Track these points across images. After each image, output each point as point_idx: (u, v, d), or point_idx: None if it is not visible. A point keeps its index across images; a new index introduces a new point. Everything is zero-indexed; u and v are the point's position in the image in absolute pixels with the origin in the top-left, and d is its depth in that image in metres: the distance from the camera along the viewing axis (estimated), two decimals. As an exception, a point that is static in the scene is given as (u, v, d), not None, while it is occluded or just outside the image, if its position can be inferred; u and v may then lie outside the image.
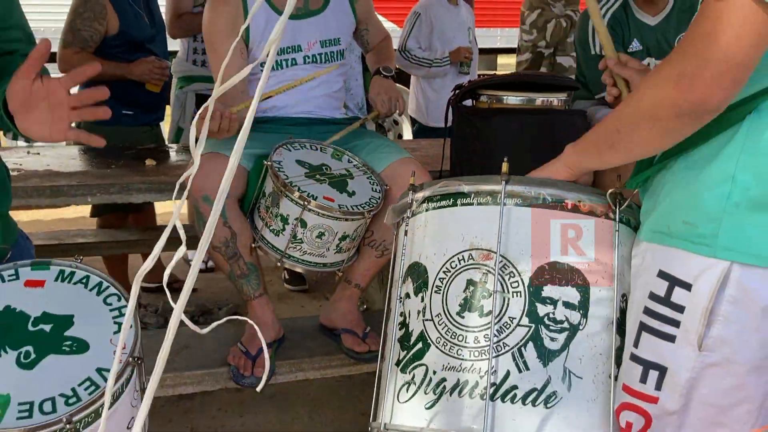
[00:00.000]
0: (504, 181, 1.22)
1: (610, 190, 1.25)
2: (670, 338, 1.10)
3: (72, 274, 1.34)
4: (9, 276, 1.31)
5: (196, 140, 0.67)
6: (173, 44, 3.68)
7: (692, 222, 1.07)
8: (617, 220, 1.24)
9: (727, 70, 0.97)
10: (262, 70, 2.16)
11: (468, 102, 2.40)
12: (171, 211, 4.56)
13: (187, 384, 1.97)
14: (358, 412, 2.72)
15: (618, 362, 1.20)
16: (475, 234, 1.23)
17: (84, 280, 1.33)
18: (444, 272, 1.24)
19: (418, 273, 1.30)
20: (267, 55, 1.91)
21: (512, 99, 2.26)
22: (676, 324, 1.10)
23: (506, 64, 10.18)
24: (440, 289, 1.23)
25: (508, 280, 1.18)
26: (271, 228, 2.04)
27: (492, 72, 8.14)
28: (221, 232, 2.02)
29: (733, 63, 0.96)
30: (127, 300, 1.31)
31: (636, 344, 1.14)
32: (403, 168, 2.15)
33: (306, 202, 1.92)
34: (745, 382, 1.11)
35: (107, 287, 1.33)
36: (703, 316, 1.06)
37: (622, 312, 1.22)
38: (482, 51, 5.76)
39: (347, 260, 2.12)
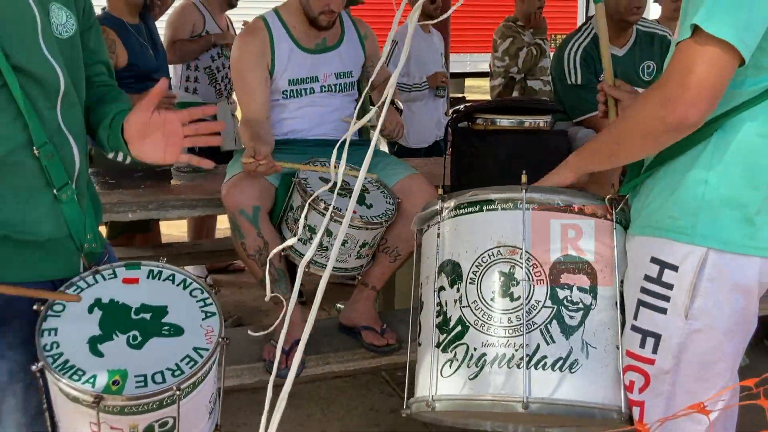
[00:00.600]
0: (524, 190, 1.51)
1: (608, 196, 1.54)
2: (663, 311, 1.40)
3: (160, 272, 1.58)
4: (108, 275, 1.54)
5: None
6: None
7: (676, 216, 1.38)
8: (614, 220, 1.53)
9: (701, 95, 1.27)
10: (281, 98, 2.45)
11: (464, 123, 2.71)
12: (171, 231, 4.76)
13: (228, 377, 2.20)
14: (367, 407, 2.97)
15: (621, 334, 1.48)
16: (501, 234, 1.51)
17: (171, 277, 1.58)
18: (477, 266, 1.51)
19: (451, 268, 1.57)
20: (288, 83, 2.27)
21: (504, 121, 2.58)
22: (666, 299, 1.39)
23: (473, 86, 10.62)
24: (474, 281, 1.51)
25: (533, 270, 1.46)
26: (299, 238, 2.29)
27: (461, 94, 8.52)
28: (255, 242, 2.28)
29: (705, 90, 1.27)
30: (209, 293, 1.56)
31: (636, 317, 1.44)
32: (412, 183, 2.44)
33: (333, 215, 2.19)
34: (722, 344, 1.41)
35: (191, 283, 1.58)
36: (688, 292, 1.37)
37: (621, 294, 1.51)
38: (453, 75, 6.14)
39: (365, 265, 2.39)
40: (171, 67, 4.00)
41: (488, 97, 7.86)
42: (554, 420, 1.57)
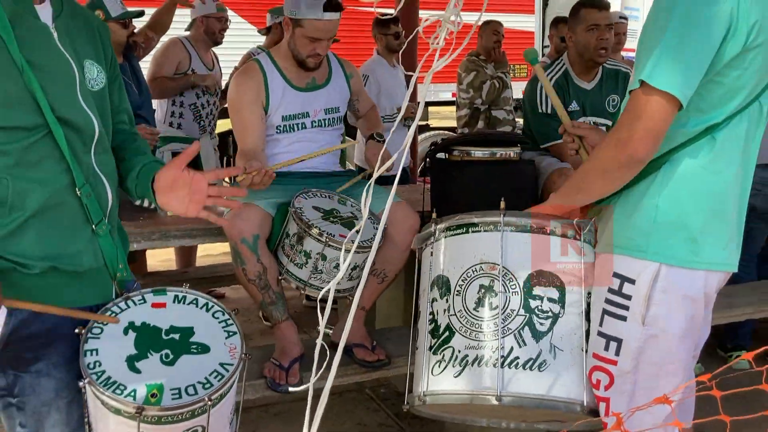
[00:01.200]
0: (503, 215, 1.74)
1: (576, 219, 1.77)
2: (623, 318, 1.64)
3: (185, 297, 1.76)
4: (138, 300, 1.71)
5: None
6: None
7: (632, 237, 1.62)
8: (582, 240, 1.77)
9: (646, 137, 1.52)
10: (275, 133, 2.65)
11: (441, 155, 2.94)
12: (150, 261, 4.88)
13: (232, 394, 2.36)
14: (355, 422, 3.15)
15: (587, 339, 1.71)
16: (483, 252, 1.75)
17: (194, 301, 1.76)
18: (462, 280, 1.75)
19: (442, 282, 1.80)
20: (281, 119, 2.51)
21: (478, 153, 2.82)
22: (626, 308, 1.63)
23: (435, 112, 10.91)
24: (460, 293, 1.75)
25: (508, 283, 1.71)
26: (295, 262, 2.48)
27: (425, 122, 8.80)
28: (255, 267, 2.46)
29: (649, 133, 1.52)
30: (229, 315, 1.74)
31: (601, 324, 1.67)
32: (397, 209, 2.65)
33: (327, 240, 2.39)
34: (675, 348, 1.65)
35: (212, 306, 1.75)
36: (644, 302, 1.61)
37: (588, 304, 1.74)
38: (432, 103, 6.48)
39: (356, 286, 2.58)
40: (156, 102, 4.16)
41: (450, 123, 8.17)
42: (540, 415, 1.78)
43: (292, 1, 2.62)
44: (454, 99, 8.18)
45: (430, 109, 9.94)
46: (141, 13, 3.73)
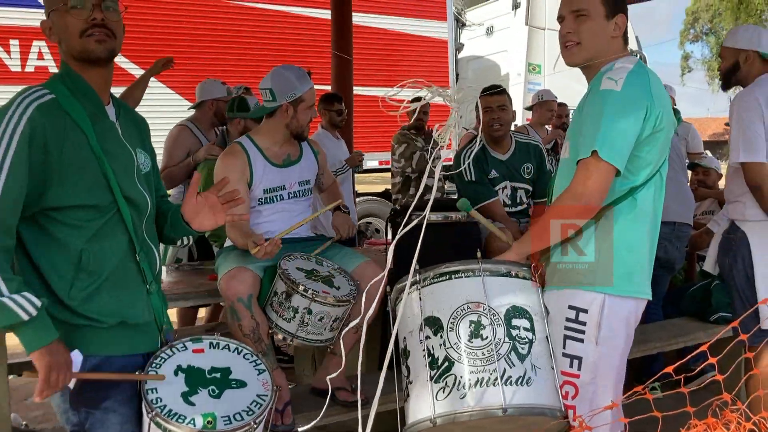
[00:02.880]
0: (480, 262, 2.15)
1: (533, 264, 2.23)
2: (581, 340, 2.09)
3: (218, 343, 2.10)
4: (180, 348, 2.04)
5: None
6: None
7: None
8: (536, 281, 2.21)
9: (595, 194, 2.02)
10: (257, 205, 3.03)
11: (400, 219, 3.39)
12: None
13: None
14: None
15: (552, 358, 2.14)
16: (468, 293, 2.11)
17: (226, 347, 2.10)
18: (453, 318, 2.11)
19: (433, 321, 2.16)
20: (263, 192, 3.03)
21: (434, 217, 3.28)
22: (583, 332, 2.09)
23: (362, 178, 11.45)
24: (453, 328, 2.09)
25: (493, 317, 2.08)
26: (283, 317, 2.83)
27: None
28: (250, 323, 2.80)
29: (597, 192, 2.02)
30: (257, 356, 2.09)
31: (564, 346, 2.11)
32: (367, 267, 3.06)
33: (313, 296, 2.76)
34: (618, 360, 2.13)
35: (242, 349, 2.10)
36: (596, 326, 2.07)
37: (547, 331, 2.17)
38: (361, 171, 7.01)
39: (336, 336, 2.95)
40: None
41: (377, 189, 8.70)
42: (521, 427, 2.17)
43: (286, 87, 3.06)
44: (381, 167, 8.81)
45: (357, 176, 10.49)
46: None
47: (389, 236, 3.63)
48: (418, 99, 6.25)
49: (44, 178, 1.74)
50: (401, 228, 3.35)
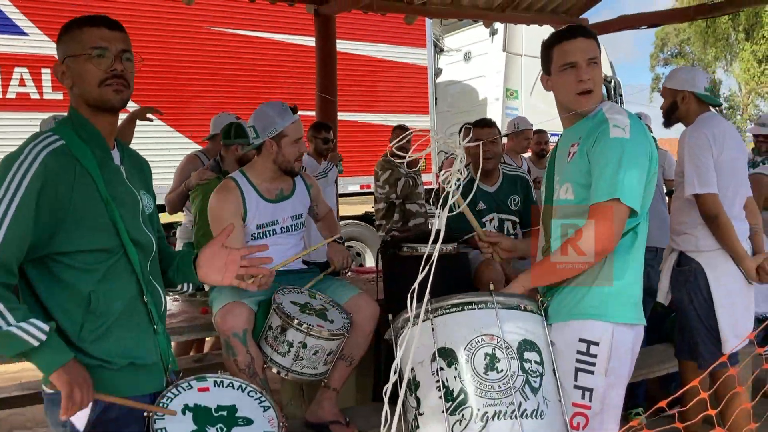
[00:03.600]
0: (492, 294, 2.18)
1: (540, 299, 2.29)
2: (592, 373, 2.17)
3: (222, 381, 2.13)
4: (186, 387, 2.07)
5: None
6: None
7: (593, 305, 2.18)
8: (543, 315, 2.26)
9: (614, 236, 2.12)
10: (250, 240, 3.07)
11: (391, 251, 3.45)
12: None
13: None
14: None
15: (561, 391, 2.17)
16: (481, 325, 2.13)
17: (231, 384, 2.14)
18: (467, 350, 2.10)
19: (446, 353, 2.13)
20: (256, 227, 3.11)
21: (424, 249, 3.34)
22: (593, 365, 2.17)
23: (343, 201, 11.51)
24: (468, 360, 2.09)
25: (506, 350, 2.10)
26: (278, 352, 2.87)
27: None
28: (245, 358, 2.83)
29: (616, 234, 2.12)
30: (261, 393, 2.13)
31: (576, 379, 2.18)
32: (360, 300, 3.11)
33: (308, 330, 2.80)
34: (623, 388, 2.22)
35: (246, 387, 2.14)
36: (607, 358, 2.16)
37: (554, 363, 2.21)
38: (342, 195, 7.11)
39: (330, 370, 2.99)
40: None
41: (357, 212, 8.77)
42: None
43: (267, 123, 3.10)
44: (362, 190, 8.88)
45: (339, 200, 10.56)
46: None
47: (380, 266, 3.68)
48: (402, 127, 6.40)
49: (53, 223, 1.77)
50: (378, 257, 3.42)
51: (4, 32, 6.64)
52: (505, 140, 6.38)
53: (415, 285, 1.85)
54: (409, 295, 1.94)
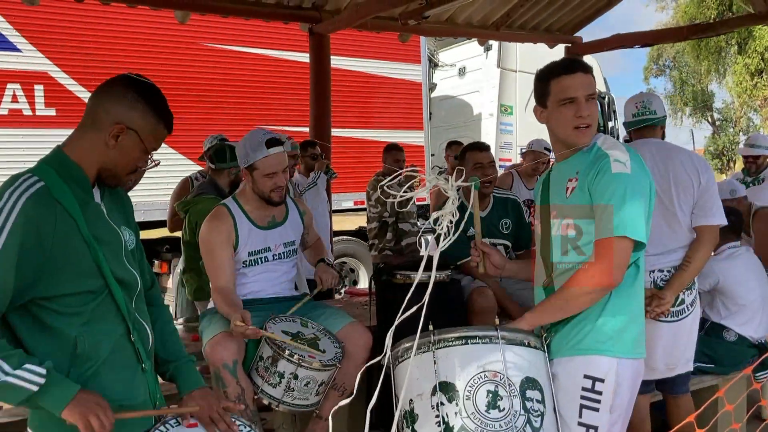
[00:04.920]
0: (498, 329, 2.14)
1: (543, 335, 2.26)
2: (596, 410, 2.16)
3: (210, 418, 2.09)
4: (174, 423, 2.02)
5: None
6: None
7: (598, 341, 2.16)
8: (545, 351, 2.23)
9: (620, 271, 2.11)
10: (242, 267, 3.03)
11: (385, 278, 3.42)
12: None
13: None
14: None
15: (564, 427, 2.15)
16: (485, 361, 2.08)
17: (219, 422, 2.09)
18: (470, 386, 2.06)
19: (447, 387, 2.08)
20: (247, 255, 3.08)
21: (416, 276, 3.31)
22: (599, 402, 2.15)
23: (338, 220, 11.49)
24: (469, 397, 2.05)
25: (509, 388, 2.06)
26: (269, 383, 2.83)
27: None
28: (235, 389, 2.79)
29: (622, 268, 2.11)
30: (250, 427, 2.09)
31: (580, 416, 2.16)
32: (353, 329, 3.08)
33: (299, 361, 2.77)
34: (624, 423, 2.21)
35: (235, 420, 2.09)
36: (612, 395, 2.14)
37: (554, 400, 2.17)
38: (335, 212, 7.10)
39: (322, 401, 2.96)
40: None
41: (354, 223, 8.76)
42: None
43: (242, 155, 3.10)
44: (355, 206, 8.86)
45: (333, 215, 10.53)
46: None
47: (373, 290, 3.65)
48: (395, 147, 6.37)
49: (36, 270, 1.72)
50: (372, 283, 3.39)
51: (-3, 48, 6.61)
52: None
53: (404, 315, 1.83)
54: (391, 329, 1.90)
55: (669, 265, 3.24)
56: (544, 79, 2.33)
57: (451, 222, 1.82)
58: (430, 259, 4.22)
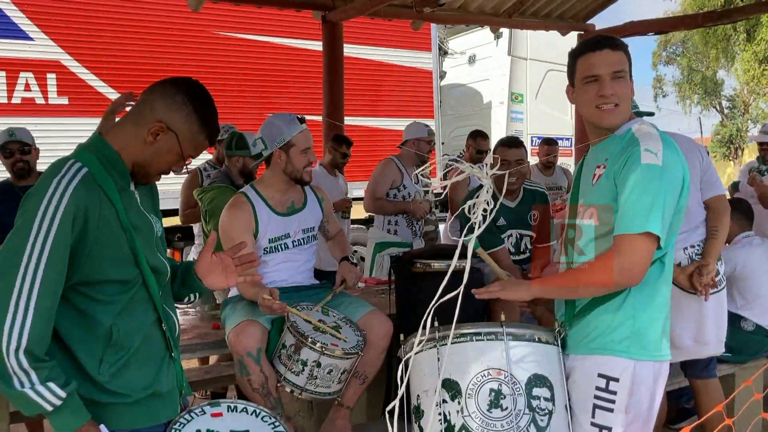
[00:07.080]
0: (503, 325, 2.12)
1: (556, 329, 2.21)
2: (611, 410, 2.08)
3: (236, 407, 2.10)
4: (199, 412, 2.03)
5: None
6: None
7: (616, 340, 2.08)
8: (559, 346, 2.19)
9: (642, 267, 2.02)
10: (263, 254, 3.02)
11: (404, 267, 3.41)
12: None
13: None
14: None
15: (577, 426, 2.11)
16: (489, 359, 2.07)
17: (244, 410, 2.10)
18: (473, 384, 2.05)
19: (450, 385, 2.08)
20: (268, 242, 3.06)
21: (437, 265, 3.29)
22: (613, 402, 2.07)
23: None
24: (472, 395, 2.03)
25: (513, 386, 2.03)
26: (292, 371, 2.83)
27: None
28: (259, 377, 2.79)
29: (644, 265, 2.01)
30: (275, 418, 2.10)
31: (593, 416, 2.09)
32: (373, 317, 3.07)
33: (322, 349, 2.77)
34: (643, 425, 2.13)
35: (260, 412, 2.10)
36: (627, 395, 2.06)
37: (568, 398, 2.13)
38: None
39: (343, 389, 2.96)
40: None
41: (361, 214, 8.74)
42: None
43: (275, 133, 3.09)
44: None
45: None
46: None
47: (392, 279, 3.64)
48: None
49: (78, 254, 1.73)
50: (391, 272, 3.38)
51: (9, 37, 6.60)
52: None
53: (436, 303, 1.82)
54: (423, 319, 1.89)
55: (698, 239, 3.27)
56: (574, 57, 2.24)
57: (485, 210, 1.80)
58: (451, 248, 4.22)
